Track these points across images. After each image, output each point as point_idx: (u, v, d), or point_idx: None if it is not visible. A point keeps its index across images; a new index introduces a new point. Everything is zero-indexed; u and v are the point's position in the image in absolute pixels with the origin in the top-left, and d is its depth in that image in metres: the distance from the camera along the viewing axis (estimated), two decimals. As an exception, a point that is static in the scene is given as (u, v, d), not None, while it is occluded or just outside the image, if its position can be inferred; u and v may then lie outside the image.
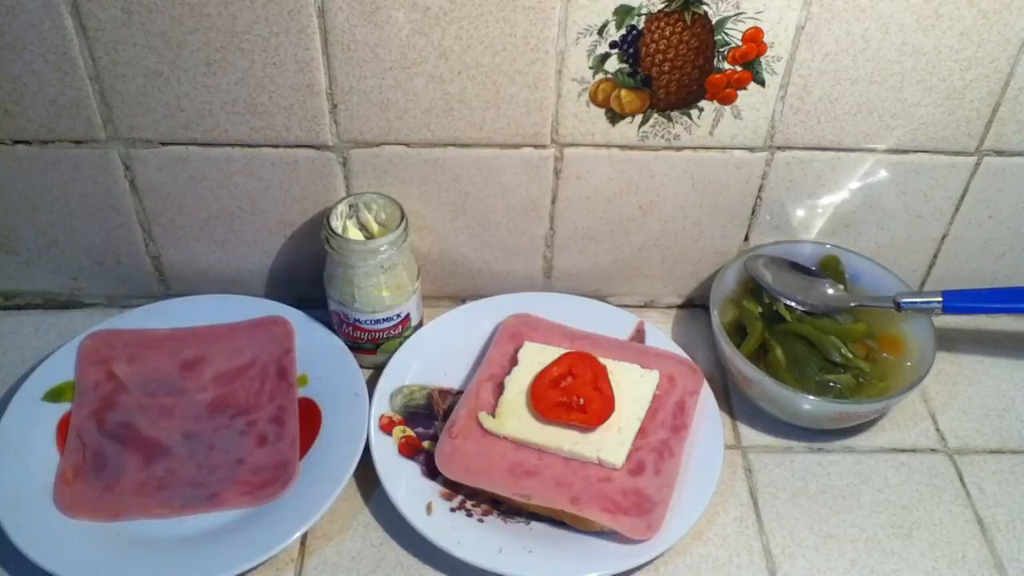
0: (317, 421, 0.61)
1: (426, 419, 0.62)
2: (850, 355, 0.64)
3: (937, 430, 0.66)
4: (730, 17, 0.57)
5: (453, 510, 0.56)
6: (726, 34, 0.57)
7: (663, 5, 0.56)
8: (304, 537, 0.57)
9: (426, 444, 0.60)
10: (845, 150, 0.64)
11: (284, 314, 0.67)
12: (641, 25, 0.56)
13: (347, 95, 0.59)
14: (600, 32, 0.57)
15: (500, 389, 0.62)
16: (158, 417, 0.61)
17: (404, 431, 0.61)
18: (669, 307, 0.75)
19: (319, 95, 0.59)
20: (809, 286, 0.67)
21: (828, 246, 0.70)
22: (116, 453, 0.59)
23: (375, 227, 0.63)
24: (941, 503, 0.61)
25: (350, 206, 0.63)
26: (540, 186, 0.65)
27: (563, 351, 0.64)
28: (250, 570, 0.53)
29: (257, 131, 0.61)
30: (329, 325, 0.67)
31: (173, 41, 0.56)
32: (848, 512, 0.60)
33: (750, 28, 0.57)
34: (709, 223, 0.68)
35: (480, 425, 0.60)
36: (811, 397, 0.60)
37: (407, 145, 0.62)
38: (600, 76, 0.59)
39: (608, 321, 0.68)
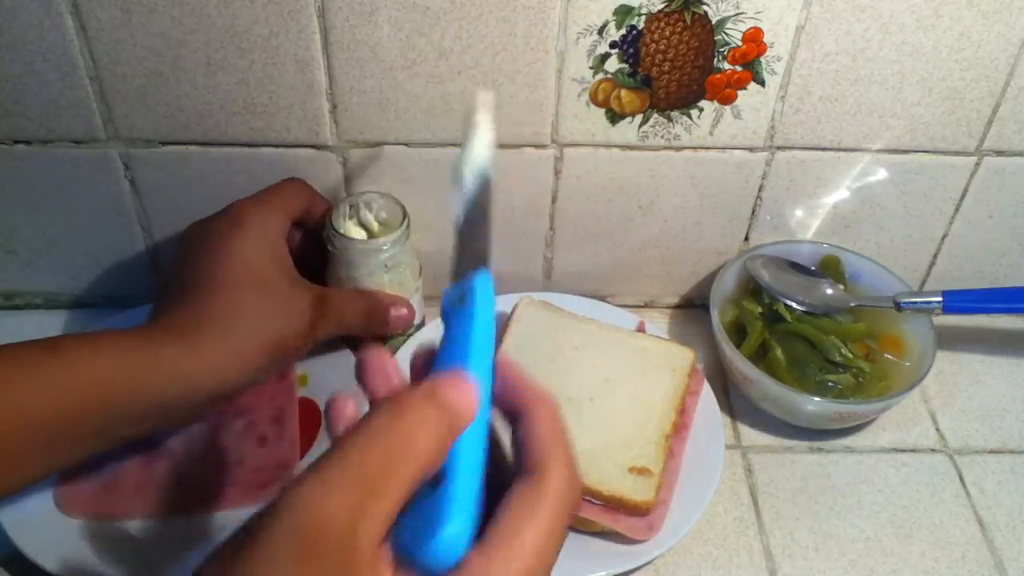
0: (317, 421, 0.61)
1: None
2: (850, 355, 0.64)
3: (937, 430, 0.66)
4: (730, 17, 0.57)
5: (453, 510, 0.56)
6: (726, 34, 0.57)
7: (663, 5, 0.56)
8: (304, 537, 0.56)
9: (426, 444, 0.60)
10: (845, 150, 0.64)
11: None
12: (641, 25, 0.56)
13: (347, 95, 0.59)
14: (600, 32, 0.57)
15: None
16: (158, 417, 0.61)
17: (404, 431, 0.61)
18: (669, 307, 0.75)
19: (319, 95, 0.59)
20: (809, 286, 0.67)
21: (828, 246, 0.70)
22: (116, 453, 0.59)
23: (376, 226, 0.63)
24: (941, 503, 0.61)
25: (351, 205, 0.63)
26: (540, 186, 0.65)
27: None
28: (250, 570, 0.53)
29: (257, 131, 0.61)
30: (329, 325, 0.67)
31: (173, 41, 0.56)
32: (848, 512, 0.60)
33: (750, 28, 0.57)
34: (709, 223, 0.68)
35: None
36: (811, 397, 0.60)
37: (407, 145, 0.62)
38: (600, 76, 0.59)
39: (608, 321, 0.68)
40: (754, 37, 0.58)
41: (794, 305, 0.66)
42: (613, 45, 0.57)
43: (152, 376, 0.46)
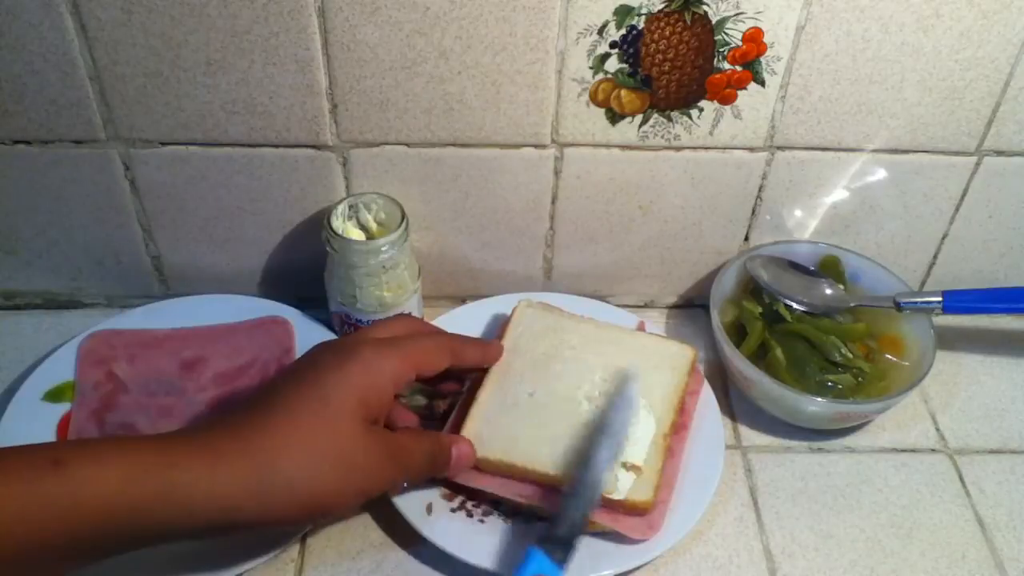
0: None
1: (427, 420, 0.62)
2: (850, 355, 0.64)
3: (937, 430, 0.66)
4: (730, 17, 0.57)
5: (454, 511, 0.56)
6: (726, 34, 0.57)
7: (663, 5, 0.56)
8: (304, 537, 0.57)
9: (426, 444, 0.60)
10: (845, 150, 0.64)
11: (284, 314, 0.67)
12: (641, 25, 0.57)
13: (347, 95, 0.59)
14: (600, 32, 0.57)
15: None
16: (158, 417, 0.61)
17: (404, 431, 0.61)
18: (668, 307, 0.75)
19: (319, 95, 0.59)
20: (809, 286, 0.67)
21: (828, 246, 0.70)
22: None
23: (374, 227, 0.63)
24: (941, 503, 0.61)
25: (350, 206, 0.63)
26: (540, 186, 0.65)
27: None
28: (250, 570, 0.53)
29: (257, 131, 0.61)
30: (329, 325, 0.67)
31: (173, 41, 0.56)
32: (848, 512, 0.60)
33: (750, 28, 0.57)
34: (709, 223, 0.68)
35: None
36: (811, 397, 0.60)
37: (407, 145, 0.62)
38: (600, 76, 0.59)
39: (608, 321, 0.68)
40: (754, 37, 0.58)
41: (794, 305, 0.66)
42: (613, 45, 0.57)
43: (161, 503, 0.42)
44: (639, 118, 0.61)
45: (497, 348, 0.60)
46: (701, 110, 0.61)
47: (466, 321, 0.68)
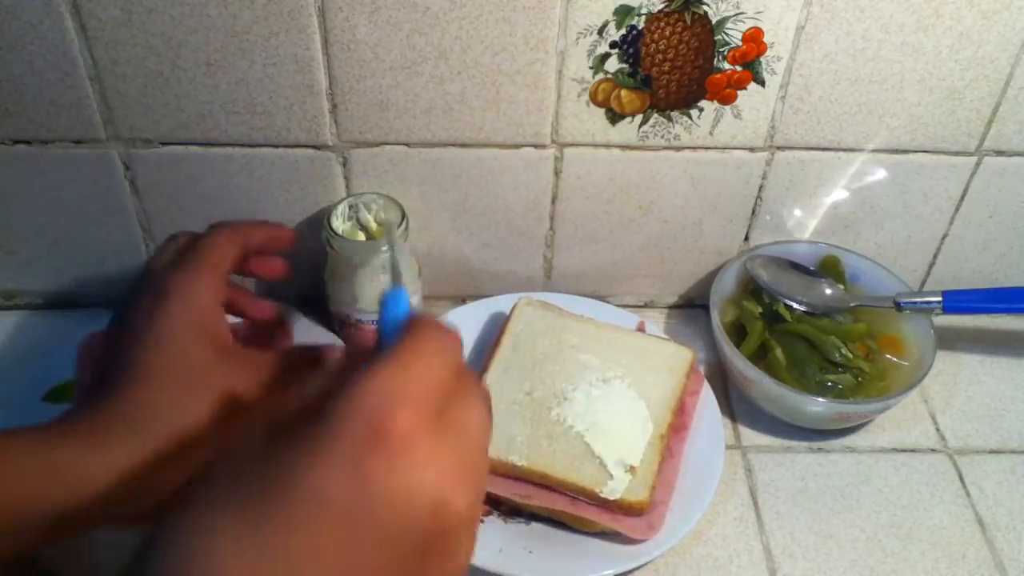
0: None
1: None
2: (850, 355, 0.64)
3: (937, 430, 0.66)
4: (730, 17, 0.57)
5: (453, 510, 0.56)
6: (726, 34, 0.57)
7: (663, 5, 0.56)
8: (304, 537, 0.56)
9: (426, 444, 0.60)
10: (845, 150, 0.64)
11: (284, 314, 0.67)
12: (641, 25, 0.57)
13: (347, 95, 0.59)
14: (600, 32, 0.57)
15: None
16: (158, 417, 0.61)
17: (404, 431, 0.61)
18: (669, 307, 0.75)
19: (319, 95, 0.59)
20: (809, 286, 0.67)
21: (828, 246, 0.70)
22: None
23: (374, 227, 0.63)
24: (941, 503, 0.61)
25: (350, 206, 0.63)
26: (540, 186, 0.65)
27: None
28: (250, 570, 0.53)
29: (257, 131, 0.61)
30: (329, 325, 0.67)
31: (173, 41, 0.56)
32: (848, 512, 0.60)
33: (750, 28, 0.57)
34: (709, 223, 0.68)
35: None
36: (812, 397, 0.60)
37: (407, 145, 0.62)
38: (600, 76, 0.59)
39: (608, 321, 0.68)
40: (754, 37, 0.58)
41: (794, 305, 0.66)
42: (613, 45, 0.57)
43: (45, 484, 0.40)
44: (639, 118, 0.61)
45: (286, 232, 0.55)
46: (701, 110, 0.61)
47: (466, 321, 0.68)
